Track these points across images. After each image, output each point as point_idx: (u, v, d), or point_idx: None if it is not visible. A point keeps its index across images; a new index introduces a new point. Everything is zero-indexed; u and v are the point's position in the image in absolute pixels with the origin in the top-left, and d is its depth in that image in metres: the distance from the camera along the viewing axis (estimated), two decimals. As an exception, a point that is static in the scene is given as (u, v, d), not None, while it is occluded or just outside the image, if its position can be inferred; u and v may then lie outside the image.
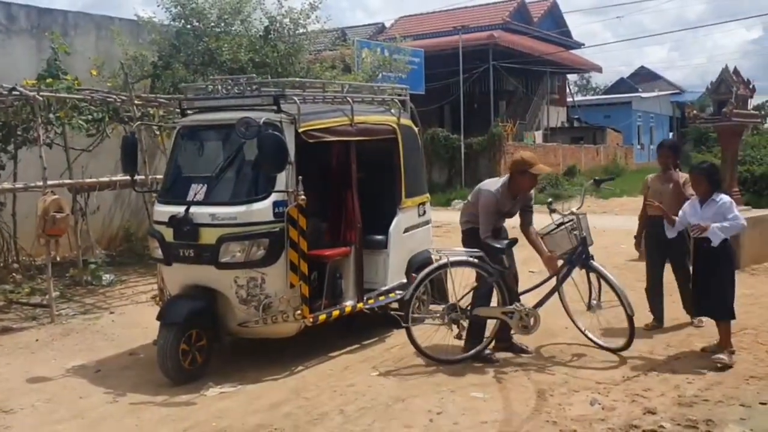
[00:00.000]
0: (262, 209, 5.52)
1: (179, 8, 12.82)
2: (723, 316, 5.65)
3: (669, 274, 6.73)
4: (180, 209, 5.62)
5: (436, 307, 6.38)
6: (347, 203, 6.48)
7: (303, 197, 5.51)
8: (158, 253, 5.89)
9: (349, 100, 6.43)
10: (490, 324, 5.90)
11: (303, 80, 7.85)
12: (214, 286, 5.64)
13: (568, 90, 39.89)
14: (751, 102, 10.97)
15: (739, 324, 6.39)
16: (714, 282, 5.62)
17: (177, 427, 4.67)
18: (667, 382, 5.18)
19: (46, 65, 9.68)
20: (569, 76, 40.98)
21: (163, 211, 5.85)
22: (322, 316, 5.95)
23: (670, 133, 42.30)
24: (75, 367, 6.08)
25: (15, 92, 8.13)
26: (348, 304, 6.33)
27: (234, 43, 12.39)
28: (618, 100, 41.67)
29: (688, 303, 6.51)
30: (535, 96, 33.27)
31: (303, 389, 5.27)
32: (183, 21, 12.88)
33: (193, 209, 5.59)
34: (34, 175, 8.54)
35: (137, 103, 9.42)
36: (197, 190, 5.71)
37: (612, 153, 33.92)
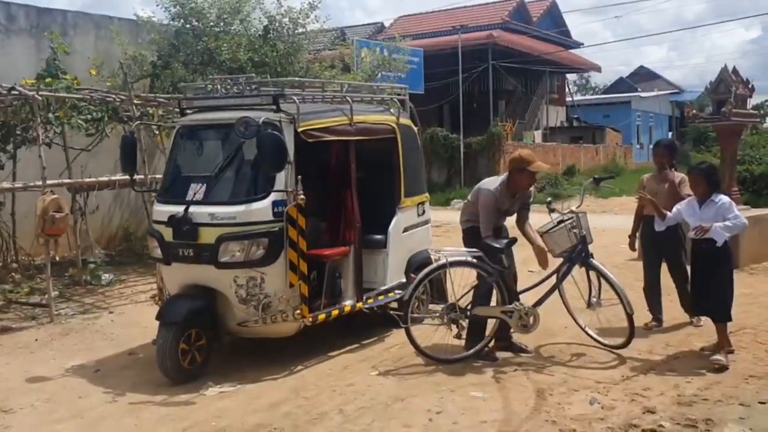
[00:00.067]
0: (261, 209, 5.51)
1: (178, 8, 12.82)
2: (721, 318, 5.64)
3: (667, 274, 6.73)
4: (179, 209, 5.62)
5: (436, 307, 6.38)
6: (346, 203, 6.48)
7: (302, 197, 5.50)
8: (157, 252, 5.89)
9: (349, 99, 6.43)
10: (490, 322, 5.91)
11: (302, 80, 7.84)
12: (214, 285, 5.64)
13: (567, 89, 39.93)
14: (750, 101, 10.98)
15: (738, 323, 6.40)
16: (713, 283, 5.60)
17: (176, 426, 4.66)
18: (666, 382, 5.18)
19: (45, 65, 9.67)
20: (568, 76, 41.02)
21: (163, 210, 5.84)
22: (322, 316, 5.94)
23: (670, 133, 42.34)
24: (74, 366, 6.08)
25: (14, 92, 8.13)
26: (347, 303, 6.32)
27: (233, 43, 12.39)
28: (617, 99, 41.72)
29: (686, 302, 6.51)
30: (534, 95, 33.29)
31: (302, 389, 5.27)
32: (182, 20, 12.88)
33: (193, 209, 5.59)
34: (33, 175, 8.54)
35: (136, 102, 9.41)
36: (196, 190, 5.70)
37: (611, 152, 33.94)
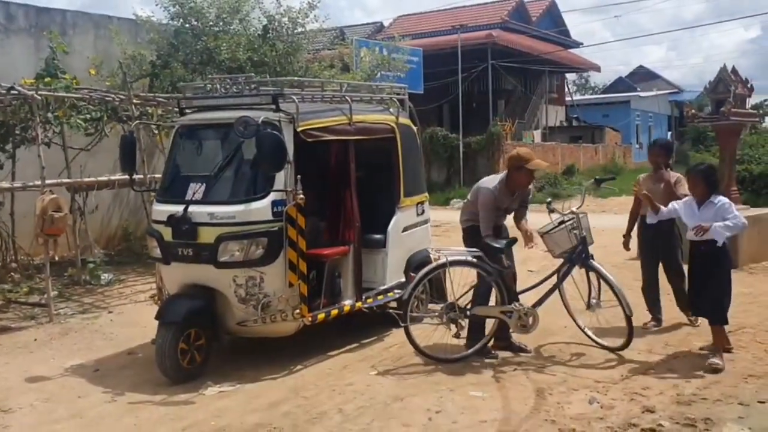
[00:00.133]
0: (260, 208, 5.51)
1: (178, 7, 12.81)
2: (717, 321, 5.58)
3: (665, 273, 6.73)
4: (179, 208, 5.62)
5: (435, 307, 6.38)
6: (346, 202, 6.48)
7: (302, 196, 5.50)
8: (157, 252, 5.89)
9: (348, 99, 6.43)
10: (490, 321, 5.91)
11: (301, 79, 7.85)
12: (213, 285, 5.64)
13: (566, 89, 39.93)
14: (749, 101, 10.99)
15: (737, 323, 6.40)
16: (711, 285, 5.54)
17: (176, 426, 4.66)
18: (665, 381, 5.18)
19: (44, 64, 9.66)
20: (568, 76, 41.00)
21: (162, 210, 5.84)
22: (321, 315, 5.94)
23: (669, 133, 42.36)
24: (73, 366, 6.08)
25: (13, 91, 8.12)
26: (347, 303, 6.32)
27: (232, 42, 12.38)
28: (616, 99, 41.72)
29: (683, 303, 6.49)
30: (533, 95, 33.29)
31: (302, 388, 5.26)
32: (181, 20, 12.87)
33: (192, 208, 5.59)
34: (32, 175, 8.53)
35: (136, 102, 9.41)
36: (196, 189, 5.70)
37: (610, 152, 33.95)
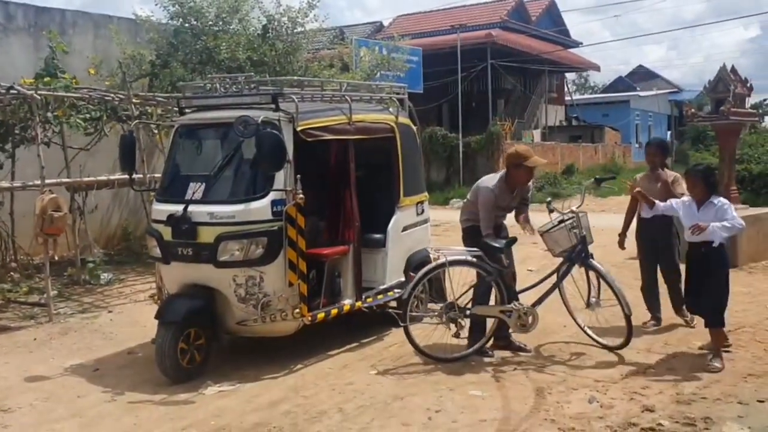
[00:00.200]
0: (260, 208, 5.51)
1: (177, 7, 12.81)
2: (714, 324, 5.53)
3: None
4: (178, 208, 5.61)
5: (435, 306, 6.38)
6: (345, 202, 6.48)
7: (301, 196, 5.50)
8: (156, 251, 5.89)
9: (348, 98, 6.42)
10: (489, 321, 5.91)
11: (301, 79, 7.83)
12: (213, 284, 5.64)
13: (566, 89, 39.91)
14: (748, 100, 11.02)
15: (736, 322, 6.41)
16: (709, 285, 5.47)
17: (175, 425, 4.66)
18: (665, 380, 5.19)
19: (44, 64, 9.65)
20: (567, 75, 40.98)
21: (162, 209, 5.84)
22: (321, 315, 5.94)
23: (668, 132, 42.36)
24: (73, 365, 6.07)
25: (13, 91, 8.11)
26: (346, 302, 6.32)
27: (232, 42, 12.38)
28: (616, 98, 41.72)
29: (678, 303, 6.47)
30: (533, 95, 33.28)
31: (302, 388, 5.27)
32: (181, 20, 12.87)
33: (192, 208, 5.58)
34: (32, 174, 8.52)
35: (135, 101, 9.39)
36: (195, 189, 5.69)
37: (610, 152, 33.95)
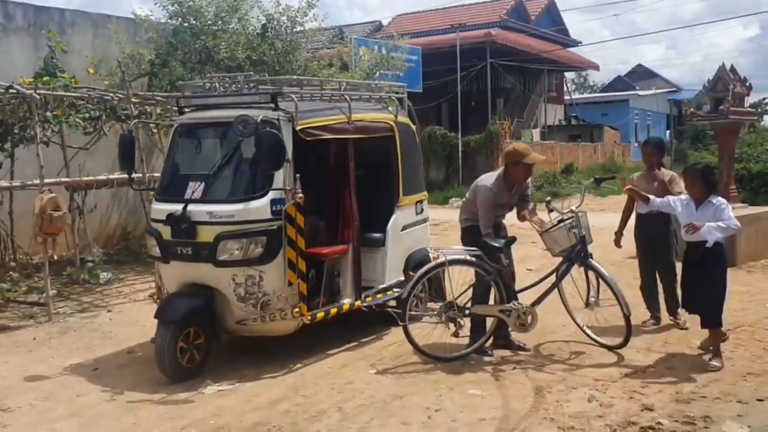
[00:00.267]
0: (259, 207, 5.51)
1: (176, 6, 12.79)
2: (712, 325, 5.50)
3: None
4: (178, 207, 5.61)
5: (434, 305, 6.38)
6: (345, 201, 6.48)
7: (301, 195, 5.50)
8: (156, 251, 5.89)
9: (347, 97, 6.42)
10: (490, 319, 5.92)
11: (300, 78, 7.84)
12: (212, 284, 5.64)
13: (565, 88, 39.96)
14: (747, 100, 11.01)
15: (735, 321, 6.41)
16: (707, 285, 5.42)
17: (175, 425, 4.66)
18: (664, 379, 5.19)
19: (43, 63, 9.64)
20: (566, 74, 41.03)
21: (161, 209, 5.84)
22: (320, 314, 5.94)
23: (667, 131, 42.39)
24: (72, 365, 6.07)
25: (12, 90, 8.10)
26: (346, 301, 6.32)
27: (231, 41, 12.37)
28: (615, 98, 41.77)
29: (672, 304, 6.43)
30: (532, 94, 33.30)
31: (301, 387, 5.27)
32: (180, 19, 12.86)
33: (191, 207, 5.58)
34: (31, 174, 8.52)
35: (134, 101, 9.39)
36: (195, 188, 5.69)
37: (609, 151, 33.96)
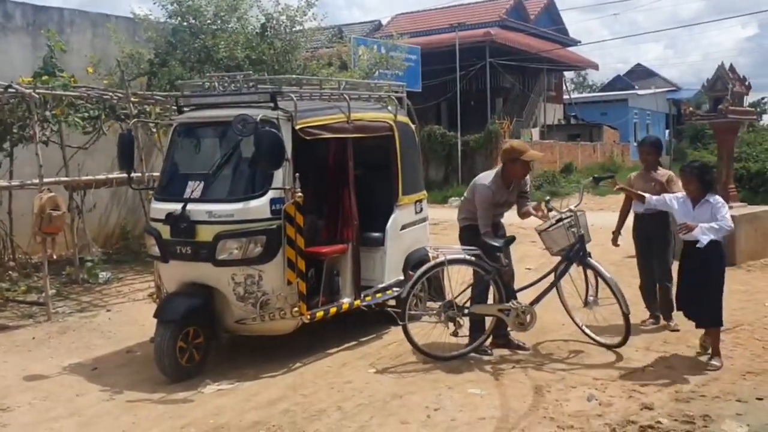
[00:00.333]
0: (259, 206, 5.51)
1: (175, 6, 12.79)
2: (714, 324, 5.46)
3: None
4: (177, 206, 5.61)
5: (433, 305, 6.38)
6: (344, 200, 6.48)
7: (300, 194, 5.50)
8: (155, 250, 5.89)
9: (346, 97, 6.42)
10: (488, 319, 5.92)
11: (300, 77, 7.84)
12: (212, 283, 5.64)
13: (564, 87, 39.97)
14: (746, 99, 11.01)
15: (734, 320, 6.42)
16: (706, 283, 5.38)
17: (174, 424, 4.66)
18: (664, 378, 5.19)
19: (42, 62, 9.65)
20: (566, 74, 41.04)
21: (160, 208, 5.84)
22: (320, 313, 5.94)
23: (666, 131, 42.39)
24: (71, 364, 6.07)
25: (11, 89, 8.10)
26: (345, 301, 6.33)
27: (230, 41, 12.37)
28: (614, 97, 41.75)
29: (666, 307, 6.40)
30: (531, 93, 33.30)
31: (300, 386, 5.27)
32: (179, 18, 12.86)
33: (190, 206, 5.58)
34: (30, 173, 8.52)
35: (134, 100, 9.38)
36: (194, 188, 5.69)
37: (608, 150, 33.97)
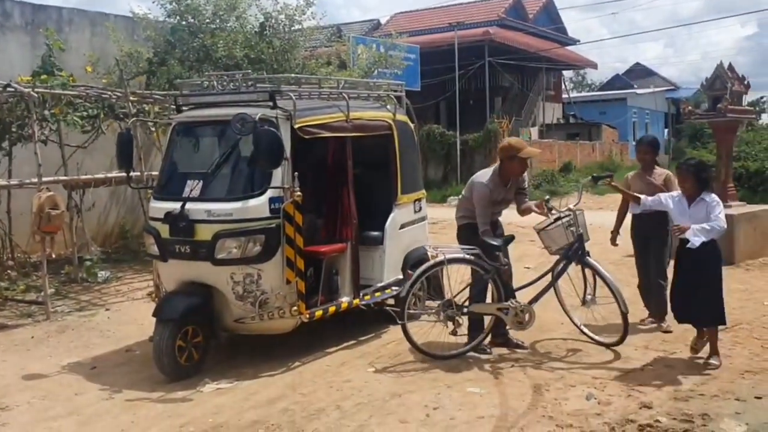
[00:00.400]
0: (258, 205, 5.51)
1: (174, 4, 12.80)
2: (716, 323, 5.40)
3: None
4: (176, 205, 5.61)
5: (432, 304, 6.38)
6: (343, 199, 6.48)
7: (299, 193, 5.50)
8: (154, 249, 5.88)
9: (345, 96, 6.42)
10: (487, 318, 5.92)
11: (299, 76, 7.84)
12: (211, 282, 5.64)
13: (563, 86, 39.96)
14: (745, 98, 11.01)
15: (733, 319, 6.41)
16: (704, 283, 5.33)
17: (173, 423, 4.66)
18: (662, 377, 5.19)
19: (40, 62, 9.64)
20: (565, 73, 41.05)
21: (159, 207, 5.83)
22: (319, 312, 5.94)
23: (665, 130, 42.40)
24: (70, 363, 6.07)
25: (9, 89, 8.09)
26: (344, 300, 6.32)
27: (229, 40, 12.38)
28: (613, 96, 41.77)
29: (660, 309, 6.37)
30: (530, 92, 33.30)
31: (299, 385, 5.27)
32: (178, 17, 12.86)
33: (189, 205, 5.58)
34: (29, 172, 8.52)
35: (132, 99, 9.38)
36: (193, 187, 5.69)
37: (607, 149, 34.00)
